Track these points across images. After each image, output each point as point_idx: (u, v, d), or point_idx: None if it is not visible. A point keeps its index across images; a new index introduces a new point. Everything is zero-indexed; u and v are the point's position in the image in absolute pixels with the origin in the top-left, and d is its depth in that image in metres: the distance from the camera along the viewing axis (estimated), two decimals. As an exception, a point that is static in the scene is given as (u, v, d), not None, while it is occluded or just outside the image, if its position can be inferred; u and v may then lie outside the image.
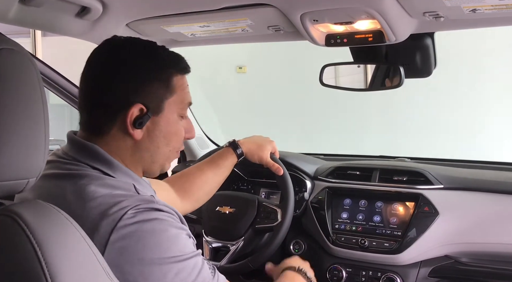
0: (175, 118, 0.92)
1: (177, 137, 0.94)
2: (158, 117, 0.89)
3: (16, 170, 0.65)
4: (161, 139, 0.91)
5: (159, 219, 0.78)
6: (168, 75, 0.90)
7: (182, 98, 0.93)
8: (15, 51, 0.66)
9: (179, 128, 0.94)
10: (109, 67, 0.87)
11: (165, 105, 0.90)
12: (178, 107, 0.92)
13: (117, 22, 1.30)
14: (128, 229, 0.75)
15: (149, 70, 0.88)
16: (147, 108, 0.87)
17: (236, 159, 1.37)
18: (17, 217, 0.63)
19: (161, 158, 0.93)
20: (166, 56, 0.92)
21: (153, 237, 0.76)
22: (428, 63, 1.33)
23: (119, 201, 0.78)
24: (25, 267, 0.61)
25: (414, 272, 1.39)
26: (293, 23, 1.21)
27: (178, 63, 0.93)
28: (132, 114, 0.86)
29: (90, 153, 0.86)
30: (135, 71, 0.87)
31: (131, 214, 0.76)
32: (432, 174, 1.46)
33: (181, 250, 0.79)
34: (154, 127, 0.89)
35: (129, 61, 0.88)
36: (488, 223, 1.35)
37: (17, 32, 4.19)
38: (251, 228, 1.44)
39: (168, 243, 0.78)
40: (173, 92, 0.91)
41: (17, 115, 0.64)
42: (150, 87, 0.88)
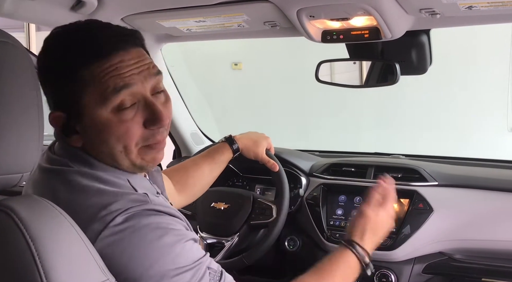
0: (103, 116, 0.75)
1: (118, 137, 0.76)
2: (84, 121, 0.76)
3: (10, 164, 0.64)
4: (102, 143, 0.77)
5: (151, 226, 0.71)
6: (71, 71, 0.75)
7: (100, 89, 0.74)
8: (10, 44, 0.66)
9: (117, 126, 0.76)
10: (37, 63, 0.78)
11: (82, 105, 0.75)
12: (101, 103, 0.74)
13: (112, 16, 1.29)
14: (115, 237, 0.70)
15: (52, 72, 0.76)
16: (65, 112, 0.77)
17: (232, 155, 1.37)
18: (11, 212, 0.63)
19: (120, 159, 0.78)
20: (71, 45, 0.76)
21: (140, 248, 0.70)
22: (424, 60, 1.33)
23: (108, 203, 0.71)
24: (19, 261, 0.61)
25: (408, 268, 1.40)
26: (289, 19, 1.21)
27: (84, 49, 0.75)
28: (56, 122, 0.78)
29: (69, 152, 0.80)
30: (44, 74, 0.77)
31: (120, 220, 0.70)
32: (427, 171, 1.47)
33: (175, 262, 0.72)
34: (86, 131, 0.77)
35: (40, 63, 0.78)
36: (482, 220, 1.36)
37: (11, 26, 4.15)
38: (246, 224, 1.45)
39: (158, 254, 0.71)
40: (86, 86, 0.74)
41: (11, 109, 0.64)
42: (57, 87, 0.76)
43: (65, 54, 0.76)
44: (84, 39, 0.76)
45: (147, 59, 0.80)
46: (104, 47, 0.75)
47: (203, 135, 2.00)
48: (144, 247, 0.70)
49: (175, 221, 0.77)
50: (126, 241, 0.70)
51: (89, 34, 0.77)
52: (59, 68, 0.76)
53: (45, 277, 0.60)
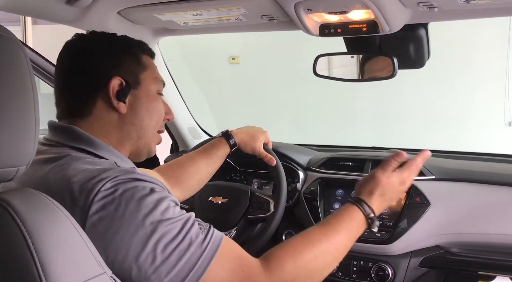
0: (153, 92, 0.96)
1: (159, 112, 0.97)
2: (138, 90, 0.93)
3: (6, 158, 0.64)
4: (144, 112, 0.94)
5: (139, 187, 0.78)
6: (137, 52, 0.96)
7: (155, 75, 0.98)
8: (5, 37, 0.65)
9: (160, 104, 0.98)
10: (82, 54, 0.92)
11: (141, 78, 0.94)
12: (153, 83, 0.96)
13: (108, 9, 1.28)
14: (106, 199, 0.75)
15: (119, 49, 0.93)
16: (125, 81, 0.91)
17: (229, 149, 1.36)
18: (7, 205, 0.63)
19: (146, 133, 0.95)
20: (131, 39, 0.98)
21: (132, 204, 0.76)
22: (422, 54, 1.33)
23: (97, 174, 0.77)
24: (16, 255, 0.61)
25: (405, 262, 1.40)
26: (287, 13, 1.20)
27: (143, 45, 0.99)
28: (114, 88, 0.89)
29: (70, 134, 0.88)
30: (108, 51, 0.92)
31: (110, 184, 0.76)
32: (424, 165, 1.47)
33: (165, 214, 0.77)
34: (135, 100, 0.93)
35: (101, 45, 0.93)
36: (478, 214, 1.37)
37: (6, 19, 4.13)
38: (244, 219, 1.45)
39: (149, 208, 0.76)
40: (145, 67, 0.96)
41: (6, 103, 0.63)
42: (124, 62, 0.92)
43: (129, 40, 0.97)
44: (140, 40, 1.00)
45: None
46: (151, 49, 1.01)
47: (200, 129, 1.99)
48: (134, 204, 0.76)
49: (160, 187, 0.83)
50: (117, 200, 0.75)
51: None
52: (128, 46, 0.95)
53: (42, 270, 0.60)
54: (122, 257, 0.74)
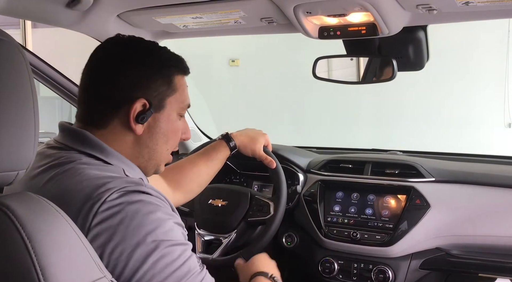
0: (175, 116, 0.93)
1: (175, 136, 0.95)
2: (160, 113, 0.90)
3: (6, 162, 0.64)
4: (161, 136, 0.92)
5: (146, 202, 0.77)
6: (170, 73, 0.92)
7: (183, 98, 0.94)
8: (5, 41, 0.65)
9: (178, 127, 0.95)
10: (113, 62, 0.89)
11: (166, 102, 0.91)
12: (178, 106, 0.94)
13: (108, 13, 1.28)
14: (111, 211, 0.74)
15: (152, 67, 0.90)
16: (149, 103, 0.88)
17: (229, 152, 1.36)
18: (6, 210, 0.63)
19: (158, 156, 0.93)
20: (168, 55, 0.94)
21: (137, 218, 0.74)
22: (421, 56, 1.33)
23: (105, 183, 0.76)
24: (15, 259, 0.61)
25: (405, 264, 1.40)
26: (286, 15, 1.20)
27: (180, 63, 0.95)
28: (136, 109, 0.87)
29: (80, 139, 0.86)
30: (139, 67, 0.89)
31: (116, 195, 0.75)
32: (424, 167, 1.47)
33: (167, 235, 0.76)
34: (155, 123, 0.90)
35: (134, 57, 0.89)
36: (479, 216, 1.37)
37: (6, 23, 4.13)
38: (244, 221, 1.45)
39: (153, 225, 0.75)
40: (175, 90, 0.92)
41: (6, 106, 0.63)
42: (154, 83, 0.89)
43: (164, 58, 0.92)
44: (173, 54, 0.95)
45: None
46: (187, 68, 0.96)
47: (200, 132, 1.99)
48: (139, 219, 0.75)
49: (164, 203, 0.82)
50: (123, 213, 0.74)
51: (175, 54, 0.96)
52: (158, 66, 0.90)
53: (42, 274, 0.60)
54: (121, 268, 0.73)
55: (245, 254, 1.41)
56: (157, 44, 0.95)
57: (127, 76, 0.88)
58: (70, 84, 1.76)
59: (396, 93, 4.30)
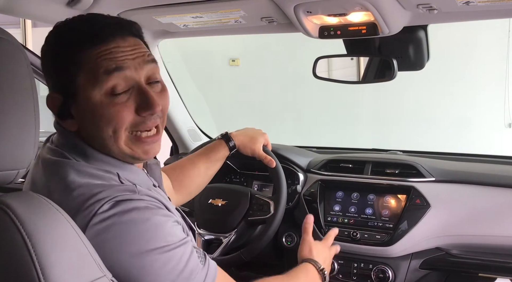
0: (97, 98, 0.77)
1: (109, 119, 0.78)
2: (78, 103, 0.79)
3: (6, 160, 0.64)
4: (93, 126, 0.79)
5: (139, 208, 0.74)
6: (67, 55, 0.78)
7: (94, 70, 0.77)
8: (5, 40, 0.65)
9: (108, 109, 0.78)
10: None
11: (76, 85, 0.78)
12: (92, 84, 0.77)
13: (108, 12, 1.26)
14: (104, 223, 0.71)
15: (50, 53, 0.81)
16: (62, 95, 0.79)
17: (228, 152, 1.36)
18: (7, 208, 0.63)
19: (109, 144, 0.80)
20: (71, 29, 0.80)
21: (132, 229, 0.72)
22: (421, 56, 1.33)
23: (96, 193, 0.73)
24: (15, 258, 0.61)
25: (405, 264, 1.40)
26: (286, 15, 1.20)
27: (78, 38, 0.78)
28: (53, 105, 0.80)
29: (65, 141, 0.82)
30: (42, 60, 0.82)
31: (108, 206, 0.72)
32: (424, 167, 1.47)
33: (166, 240, 0.74)
34: (80, 113, 0.79)
35: (44, 47, 0.82)
36: (479, 216, 1.36)
37: (6, 22, 4.13)
38: (244, 221, 1.45)
39: (150, 234, 0.73)
40: (79, 69, 0.77)
41: (6, 105, 0.64)
42: (56, 70, 0.80)
43: (62, 39, 0.80)
44: (81, 26, 0.80)
45: (144, 48, 0.83)
46: (100, 33, 0.79)
47: (200, 131, 1.99)
48: (135, 229, 0.72)
49: (159, 205, 0.79)
50: (117, 226, 0.72)
51: (88, 22, 0.81)
52: (56, 52, 0.80)
53: (42, 273, 0.60)
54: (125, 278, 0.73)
55: (245, 254, 1.41)
56: (59, 25, 0.82)
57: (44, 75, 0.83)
58: (70, 83, 1.76)
59: (397, 93, 4.30)
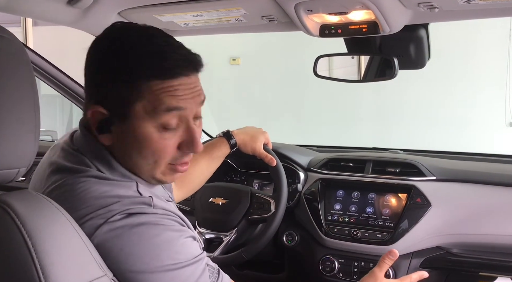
0: (148, 128, 0.77)
1: (153, 152, 0.78)
2: (125, 124, 0.77)
3: (7, 159, 0.64)
4: (133, 151, 0.78)
5: (149, 223, 0.72)
6: (134, 78, 0.76)
7: (155, 104, 0.76)
8: (6, 39, 0.65)
9: (157, 141, 0.78)
10: (87, 61, 0.80)
11: (130, 111, 0.76)
12: (149, 115, 0.77)
13: (109, 10, 1.28)
14: (112, 233, 0.70)
15: (115, 70, 0.77)
16: (108, 111, 0.77)
17: (229, 150, 1.37)
18: (7, 207, 0.63)
19: (140, 169, 0.80)
20: (137, 57, 0.76)
21: (140, 244, 0.70)
22: (422, 54, 1.33)
23: (111, 203, 0.72)
24: (16, 257, 0.61)
25: (406, 262, 1.40)
26: (287, 13, 1.20)
27: (154, 65, 0.76)
28: (93, 116, 0.78)
29: (91, 148, 0.80)
30: (99, 69, 0.79)
31: (119, 217, 0.71)
32: (425, 166, 1.47)
33: (174, 258, 0.72)
34: (123, 135, 0.78)
35: (99, 57, 0.79)
36: (479, 215, 1.36)
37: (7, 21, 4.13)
38: (244, 219, 1.45)
39: (157, 251, 0.71)
40: (142, 97, 0.76)
41: (7, 104, 0.63)
42: (113, 88, 0.77)
43: (131, 61, 0.76)
44: (153, 55, 0.77)
45: (200, 85, 0.85)
46: (171, 70, 0.77)
47: (201, 130, 1.99)
48: (143, 244, 0.71)
49: (174, 219, 0.77)
50: (125, 237, 0.71)
51: (160, 54, 0.77)
52: (119, 72, 0.76)
53: (42, 272, 0.60)
54: None
55: (246, 253, 1.41)
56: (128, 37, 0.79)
57: (87, 81, 0.80)
58: (71, 82, 1.76)
59: (397, 91, 4.30)
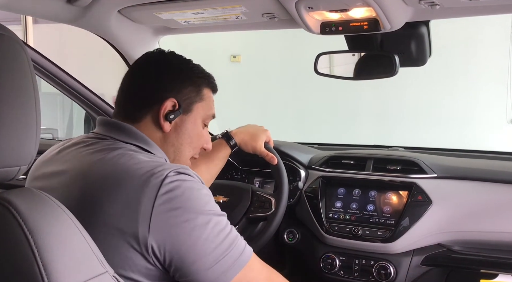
0: (199, 122, 1.04)
1: (199, 140, 1.05)
2: (187, 116, 1.02)
3: (8, 157, 0.64)
4: (186, 137, 1.02)
5: (195, 181, 0.89)
6: (200, 83, 1.04)
7: (209, 107, 1.06)
8: (6, 36, 0.65)
9: (202, 133, 1.06)
10: (152, 67, 1.02)
11: (194, 107, 1.03)
12: (204, 114, 1.05)
13: (109, 8, 1.28)
14: (173, 184, 0.84)
15: (186, 75, 1.03)
16: (179, 105, 1.00)
17: (230, 151, 1.37)
18: (8, 205, 0.63)
19: (182, 156, 1.03)
20: (201, 70, 1.07)
21: (194, 192, 0.86)
22: (423, 52, 1.32)
23: (160, 165, 0.87)
24: (17, 254, 0.61)
25: (407, 260, 1.40)
26: (287, 11, 1.20)
27: (210, 78, 1.07)
28: (166, 107, 0.98)
29: (125, 132, 0.96)
30: (174, 73, 1.02)
31: (173, 173, 0.85)
32: (426, 163, 1.47)
33: (215, 207, 0.89)
34: (182, 124, 1.02)
35: (171, 65, 1.03)
36: (480, 212, 1.36)
37: (7, 19, 4.13)
38: (245, 217, 1.44)
39: (206, 198, 0.87)
40: (202, 99, 1.04)
41: (8, 102, 0.63)
42: (185, 88, 1.01)
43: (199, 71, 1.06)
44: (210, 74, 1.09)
45: None
46: (216, 87, 1.10)
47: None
48: (196, 192, 0.86)
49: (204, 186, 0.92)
50: (183, 187, 0.85)
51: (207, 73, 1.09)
52: (194, 76, 1.04)
53: (44, 269, 0.60)
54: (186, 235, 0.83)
55: (247, 250, 1.40)
56: (191, 60, 1.08)
57: (162, 80, 1.00)
58: (72, 80, 1.76)
59: (398, 89, 4.29)
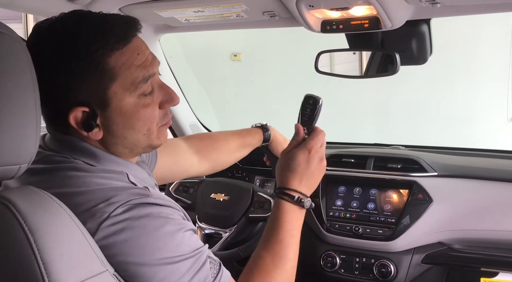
0: (131, 103, 0.77)
1: (144, 121, 0.79)
2: (107, 111, 0.76)
3: (8, 156, 0.64)
4: (125, 130, 0.78)
5: (152, 216, 0.72)
6: (98, 59, 0.73)
7: (130, 79, 0.75)
8: (6, 35, 0.65)
9: (143, 111, 0.78)
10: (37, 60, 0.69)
11: (109, 96, 0.75)
12: (129, 91, 0.76)
13: (110, 7, 1.28)
14: (115, 227, 0.70)
15: (75, 60, 0.72)
16: (88, 106, 0.74)
17: (262, 140, 1.33)
18: (9, 203, 0.63)
19: (138, 143, 0.81)
20: (91, 33, 0.73)
21: (143, 237, 0.70)
22: (424, 50, 1.32)
23: (110, 196, 0.71)
24: (18, 253, 0.61)
25: (407, 258, 1.40)
26: (288, 9, 1.20)
27: (107, 38, 0.73)
28: (76, 119, 0.75)
29: (68, 146, 0.78)
30: (61, 64, 0.73)
31: (121, 210, 0.70)
32: (426, 162, 1.47)
33: (176, 250, 0.73)
34: (108, 121, 0.77)
35: (55, 52, 0.73)
36: (481, 210, 1.36)
37: (8, 17, 4.13)
38: (245, 217, 1.45)
39: (160, 242, 0.71)
40: (114, 76, 0.74)
41: (8, 100, 0.63)
42: (82, 80, 0.73)
43: (84, 42, 0.72)
44: (100, 26, 0.74)
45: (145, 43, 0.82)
46: (123, 34, 0.75)
47: (202, 126, 1.99)
48: (145, 237, 0.71)
49: (174, 212, 0.77)
50: (128, 230, 0.70)
51: (103, 21, 0.74)
52: (78, 57, 0.72)
53: (44, 268, 0.60)
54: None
55: (244, 251, 1.41)
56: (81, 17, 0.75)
57: (52, 79, 0.73)
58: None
59: (399, 87, 4.29)
